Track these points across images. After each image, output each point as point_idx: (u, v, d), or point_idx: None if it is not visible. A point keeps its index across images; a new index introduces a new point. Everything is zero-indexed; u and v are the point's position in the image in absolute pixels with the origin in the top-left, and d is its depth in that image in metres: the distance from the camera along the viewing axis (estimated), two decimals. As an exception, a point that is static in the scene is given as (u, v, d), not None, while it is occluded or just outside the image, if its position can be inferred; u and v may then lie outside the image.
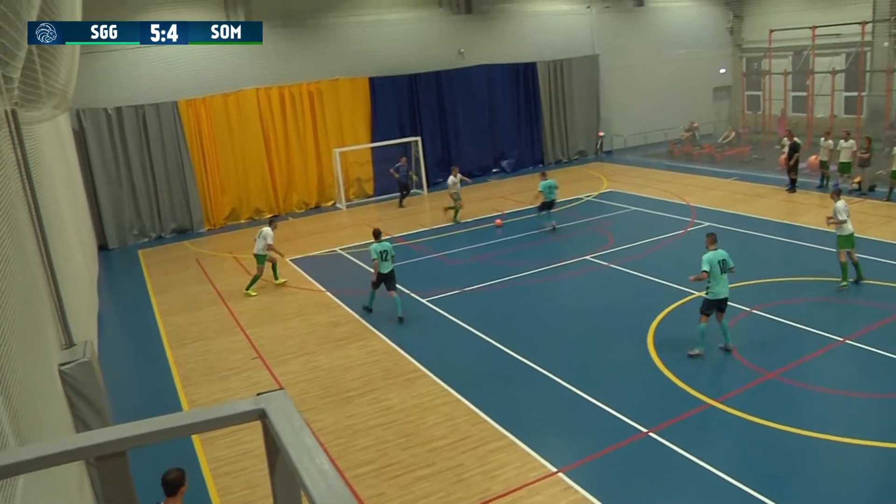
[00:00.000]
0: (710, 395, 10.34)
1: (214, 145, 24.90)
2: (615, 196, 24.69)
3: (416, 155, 27.87)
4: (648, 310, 13.86)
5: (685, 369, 11.26)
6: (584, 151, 33.34)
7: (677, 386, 10.74)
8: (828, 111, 31.28)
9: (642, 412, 10.06)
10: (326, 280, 17.73)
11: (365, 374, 12.14)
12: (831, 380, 10.64)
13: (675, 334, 12.69)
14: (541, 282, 16.29)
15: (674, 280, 15.42)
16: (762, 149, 31.16)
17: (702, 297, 12.05)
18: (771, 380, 10.70)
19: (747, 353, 11.74)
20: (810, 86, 32.06)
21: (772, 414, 9.72)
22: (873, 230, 18.15)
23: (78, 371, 7.22)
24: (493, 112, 30.35)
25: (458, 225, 22.35)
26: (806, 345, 11.85)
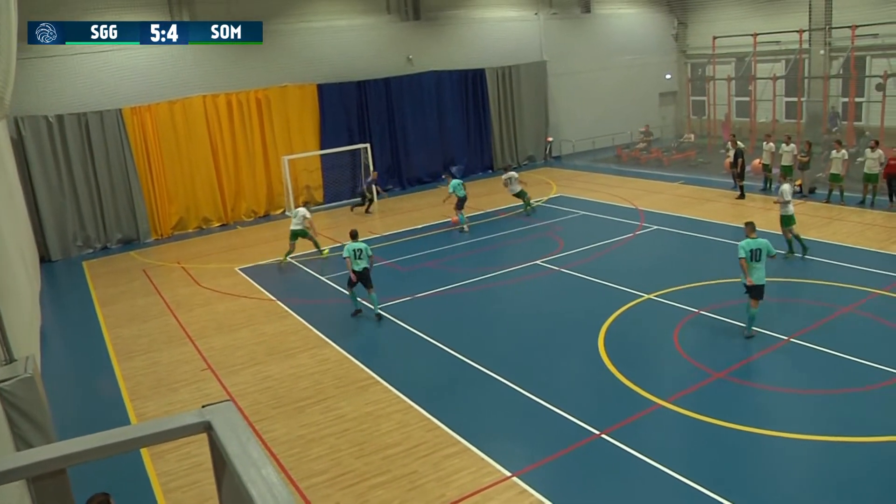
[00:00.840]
0: (660, 396, 10.49)
1: (161, 153, 24.41)
2: (564, 201, 24.94)
3: (366, 162, 27.76)
4: (599, 313, 14.01)
5: (636, 371, 11.41)
6: (533, 157, 33.62)
7: (628, 388, 10.87)
8: (770, 116, 32.15)
9: (595, 414, 10.15)
10: (276, 289, 17.52)
11: (317, 382, 12.01)
12: (778, 378, 10.89)
13: (626, 336, 12.85)
14: (492, 287, 16.35)
15: (624, 283, 15.63)
16: (708, 153, 31.85)
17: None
18: (719, 379, 10.90)
19: (696, 353, 11.95)
20: (753, 91, 32.91)
21: (721, 413, 9.91)
22: (814, 231, 18.68)
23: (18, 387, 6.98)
24: (443, 118, 30.40)
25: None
26: (752, 344, 12.12)
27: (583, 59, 34.41)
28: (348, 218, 25.09)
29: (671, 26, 37.67)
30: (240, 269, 19.56)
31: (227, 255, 21.41)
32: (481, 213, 23.83)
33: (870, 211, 20.64)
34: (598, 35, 35.04)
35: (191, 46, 24.53)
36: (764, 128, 30.91)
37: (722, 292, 14.72)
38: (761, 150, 24.67)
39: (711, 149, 32.76)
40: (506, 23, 32.01)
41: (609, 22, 35.38)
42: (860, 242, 17.61)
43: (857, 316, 13.07)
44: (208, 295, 17.56)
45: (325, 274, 18.30)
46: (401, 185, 29.72)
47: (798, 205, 21.21)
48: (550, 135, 34.01)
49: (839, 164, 21.16)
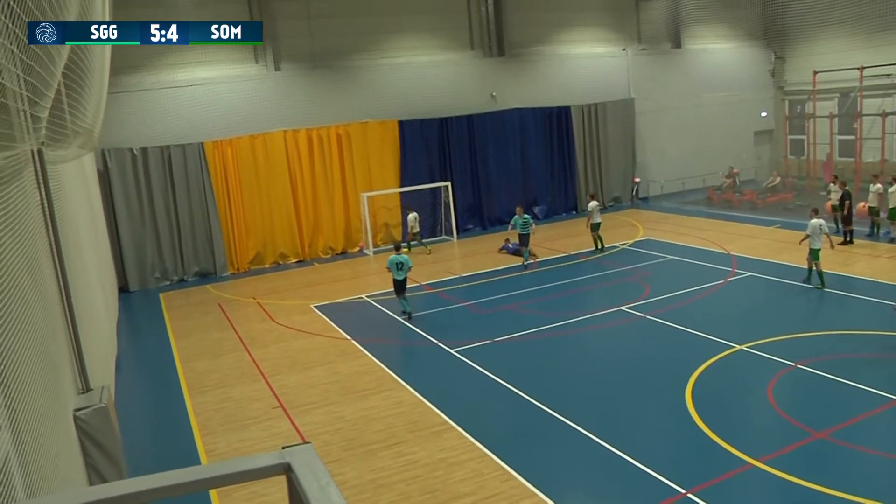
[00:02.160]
0: (752, 455, 10.07)
1: (240, 187, 25.30)
2: (651, 244, 24.52)
3: (446, 200, 28.04)
4: (686, 363, 13.63)
5: (726, 427, 11.00)
6: (619, 198, 33.29)
7: (717, 444, 10.48)
8: (877, 155, 30.96)
9: (680, 471, 9.81)
10: (352, 328, 17.73)
11: (390, 425, 12.03)
12: (886, 442, 10.31)
13: (715, 389, 12.43)
14: (573, 333, 16.14)
15: (714, 332, 15.17)
16: (807, 195, 30.87)
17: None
18: (819, 440, 10.40)
19: (792, 410, 11.45)
20: (858, 129, 31.80)
21: (820, 477, 9.43)
22: (930, 282, 17.79)
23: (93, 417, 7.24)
24: (526, 157, 30.52)
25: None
26: (857, 403, 11.52)
27: (673, 95, 34.08)
28: (424, 259, 25.27)
29: (768, 61, 36.99)
30: (315, 307, 19.89)
31: (302, 292, 21.83)
32: (564, 256, 23.67)
33: None
34: (689, 71, 34.67)
35: (274, 81, 25.51)
36: (871, 168, 29.77)
37: (821, 345, 14.10)
38: (867, 192, 23.74)
39: (810, 190, 31.75)
40: (592, 59, 32.07)
41: (701, 57, 35.00)
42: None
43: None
44: (282, 331, 17.90)
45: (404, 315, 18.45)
46: (482, 225, 29.84)
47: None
48: (638, 175, 33.64)
49: None
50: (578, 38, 31.75)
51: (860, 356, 13.48)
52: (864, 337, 14.48)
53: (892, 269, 19.22)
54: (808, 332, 14.91)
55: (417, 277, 22.00)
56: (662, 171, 34.14)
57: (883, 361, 13.19)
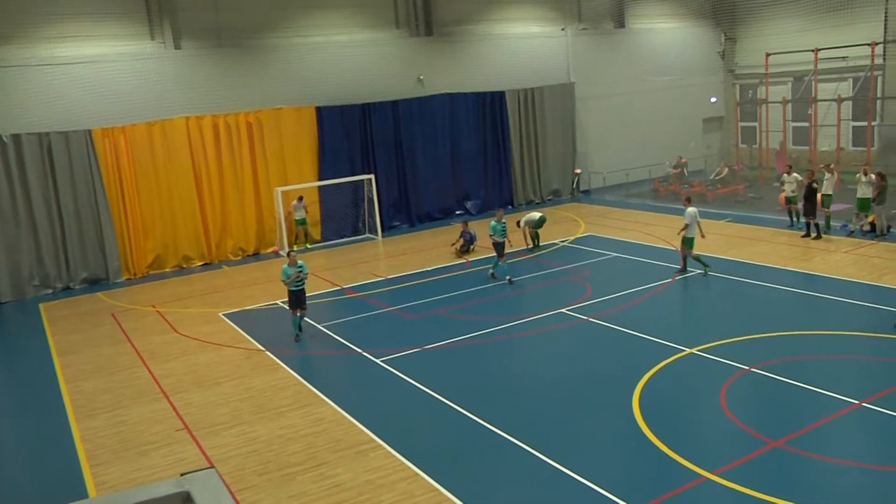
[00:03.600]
0: (705, 467, 10.26)
1: (136, 182, 24.61)
2: (593, 241, 24.86)
3: (370, 195, 27.89)
4: (633, 369, 13.82)
5: (677, 437, 11.19)
6: (558, 191, 33.71)
7: (668, 456, 10.65)
8: (833, 143, 32.05)
9: (628, 487, 9.93)
10: (266, 338, 17.44)
11: (310, 445, 11.86)
12: (847, 449, 10.63)
13: (665, 397, 12.64)
14: (511, 338, 16.21)
15: (662, 335, 15.44)
16: (759, 186, 31.80)
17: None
18: (776, 448, 10.66)
19: (747, 417, 11.72)
20: (813, 115, 32.92)
21: (778, 489, 9.66)
22: (889, 277, 18.48)
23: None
24: (456, 147, 30.64)
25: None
26: (815, 409, 11.86)
27: (616, 80, 34.69)
28: (347, 260, 25.11)
29: (718, 42, 38.00)
30: (224, 315, 19.53)
31: (209, 299, 21.40)
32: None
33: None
34: (634, 53, 35.37)
35: (174, 61, 24.91)
36: (826, 158, 30.83)
37: (776, 347, 14.49)
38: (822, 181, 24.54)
39: (763, 182, 32.72)
40: (529, 40, 32.38)
41: (646, 38, 35.74)
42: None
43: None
44: (187, 343, 17.49)
45: (324, 322, 18.22)
46: (409, 222, 29.87)
47: (870, 246, 21.13)
48: (578, 166, 34.12)
49: None
50: (514, 16, 32.02)
51: (818, 358, 13.89)
52: (821, 338, 14.94)
53: (850, 263, 19.95)
54: (762, 332, 15.31)
55: (338, 280, 21.81)
56: (605, 161, 34.71)
57: (841, 363, 13.63)
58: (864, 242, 22.03)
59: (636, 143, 35.38)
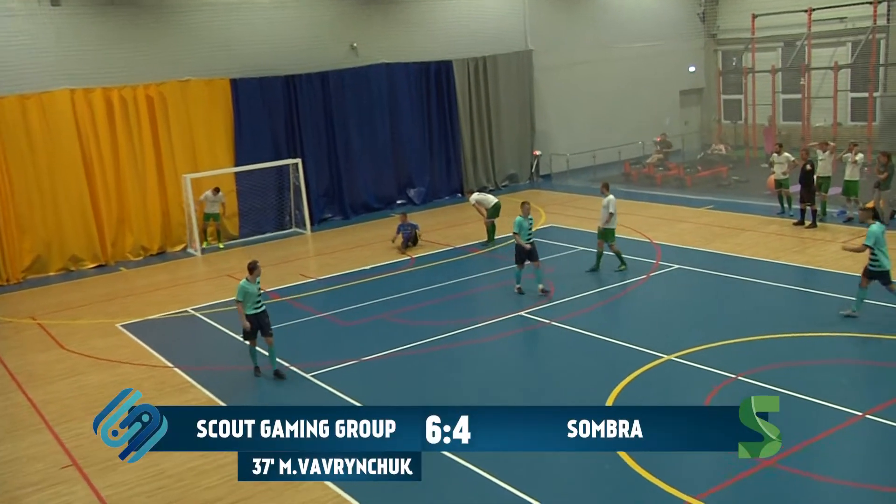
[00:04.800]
0: (688, 491, 10.31)
1: (7, 168, 23.92)
2: (556, 233, 24.98)
3: (296, 183, 27.60)
4: (603, 380, 13.84)
5: (655, 457, 11.21)
6: (515, 176, 33.81)
7: (646, 481, 10.67)
8: (829, 118, 32.53)
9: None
10: (174, 352, 17.14)
11: (229, 477, 11.59)
12: (847, 468, 10.76)
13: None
14: (463, 346, 16.16)
15: (636, 340, 15.51)
16: (745, 168, 32.21)
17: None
18: (767, 469, 10.75)
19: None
20: (806, 86, 33.37)
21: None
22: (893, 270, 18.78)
23: None
24: (397, 126, 30.54)
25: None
26: (812, 422, 11.98)
27: (580, 47, 34.88)
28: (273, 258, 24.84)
29: (697, 2, 38.36)
30: (123, 326, 19.16)
31: (105, 307, 20.99)
32: (448, 250, 23.82)
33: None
34: (601, 15, 35.64)
35: (52, 23, 24.17)
36: (822, 135, 31.30)
37: (767, 352, 14.65)
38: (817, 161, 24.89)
39: (749, 163, 33.15)
40: (479, 1, 32.34)
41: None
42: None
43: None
44: (76, 361, 17.08)
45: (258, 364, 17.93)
46: (342, 214, 29.71)
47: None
48: (538, 147, 34.25)
49: None
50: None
51: (814, 363, 14.07)
52: (817, 340, 15.13)
53: (847, 255, 20.24)
54: (750, 335, 15.46)
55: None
56: (569, 141, 34.80)
57: (842, 369, 13.82)
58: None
59: (604, 120, 35.57)
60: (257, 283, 14.94)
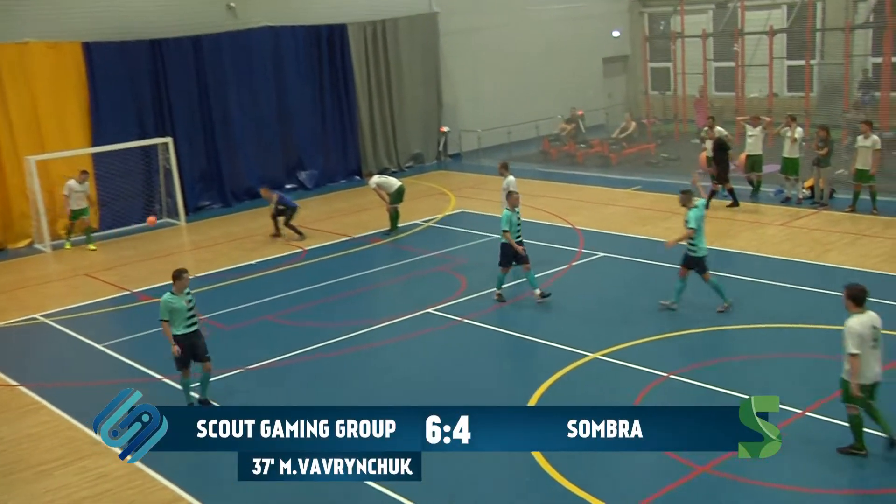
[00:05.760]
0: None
1: None
2: (467, 219, 25.17)
3: (167, 166, 27.13)
4: (522, 382, 14.02)
5: (581, 467, 11.38)
6: (420, 156, 33.90)
7: (570, 492, 10.82)
8: (765, 88, 33.32)
9: (521, 537, 10.07)
10: (19, 368, 16.75)
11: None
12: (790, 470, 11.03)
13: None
14: (364, 349, 16.19)
15: (557, 337, 15.74)
16: (675, 144, 32.78)
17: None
18: (704, 475, 10.99)
19: (667, 438, 12.07)
20: (739, 53, 34.06)
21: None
22: (834, 253, 19.46)
23: None
24: (284, 99, 30.36)
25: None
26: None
27: (492, 9, 35.06)
28: (138, 255, 24.43)
29: (620, -40, 38.87)
30: (-43, 337, 18.68)
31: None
32: (346, 240, 23.79)
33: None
34: (514, -26, 35.76)
35: None
36: (757, 106, 32.06)
37: (700, 347, 15.04)
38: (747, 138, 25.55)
39: (680, 138, 33.75)
40: (376, -46, 32.28)
41: (528, -45, 36.22)
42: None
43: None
44: None
45: (106, 340, 17.66)
46: (222, 201, 29.43)
47: (810, 216, 22.17)
48: (446, 123, 34.33)
49: (867, 155, 22.16)
50: (354, -79, 31.85)
51: (750, 358, 14.46)
52: (753, 332, 15.55)
53: (785, 238, 20.90)
54: (682, 329, 15.80)
55: (126, 282, 21.18)
56: (480, 116, 35.01)
57: (779, 364, 14.20)
58: (801, 212, 23.12)
59: (520, 91, 35.87)
60: (186, 295, 13.81)
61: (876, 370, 10.80)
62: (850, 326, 10.66)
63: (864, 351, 10.61)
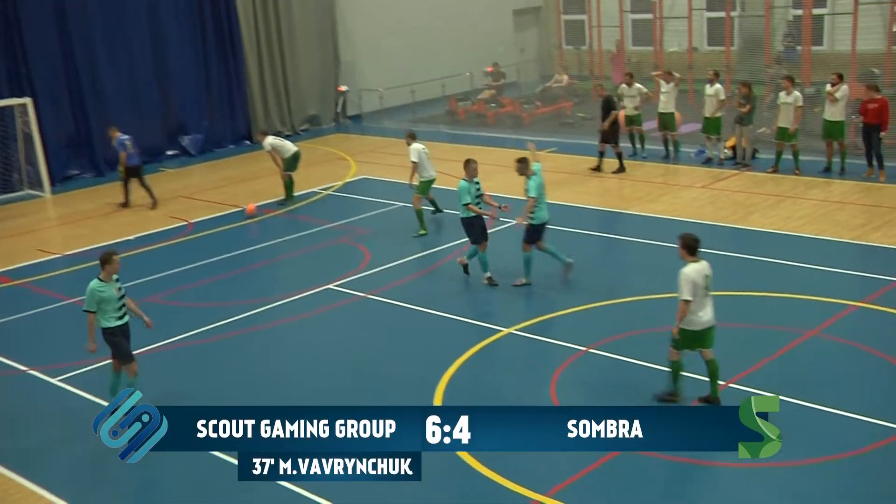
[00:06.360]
0: (536, 488, 10.59)
1: None
2: (369, 186, 25.22)
3: (26, 130, 26.54)
4: (433, 361, 14.08)
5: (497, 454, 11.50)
6: (317, 118, 33.78)
7: (486, 477, 10.90)
8: (685, 43, 33.75)
9: (433, 526, 10.19)
10: None
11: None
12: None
13: (478, 396, 12.96)
14: (259, 330, 16.13)
15: (469, 312, 15.95)
16: (591, 104, 33.10)
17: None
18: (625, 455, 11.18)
19: (588, 416, 12.29)
20: (657, 4, 34.44)
21: None
22: (757, 216, 19.93)
23: None
24: (163, 56, 30.03)
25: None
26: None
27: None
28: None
29: None
30: None
31: None
32: (236, 212, 23.69)
33: (838, 181, 22.35)
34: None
35: None
36: (677, 61, 32.50)
37: (619, 318, 15.32)
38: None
39: (596, 97, 34.04)
40: None
41: None
42: (826, 231, 18.94)
43: (826, 343, 13.95)
44: None
45: None
46: (93, 170, 29.06)
47: (732, 178, 22.62)
48: (344, 82, 34.18)
49: (789, 112, 22.62)
50: None
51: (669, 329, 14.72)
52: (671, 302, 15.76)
53: (707, 201, 21.31)
54: (600, 301, 16.03)
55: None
56: (381, 74, 34.97)
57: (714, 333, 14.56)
58: (724, 173, 23.62)
59: (424, 47, 35.88)
60: (115, 281, 13.08)
61: (710, 315, 12.12)
62: (685, 274, 11.93)
63: (698, 298, 11.91)
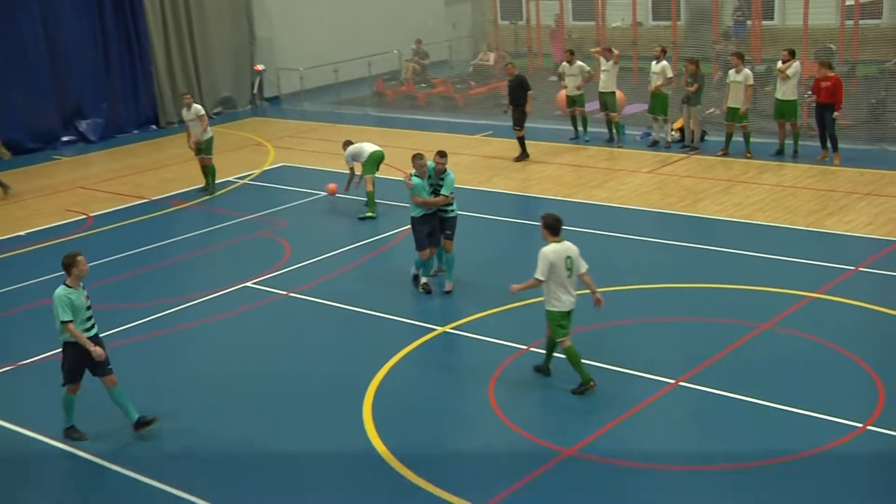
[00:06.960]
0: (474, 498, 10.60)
1: None
2: (289, 174, 25.23)
3: None
4: (361, 364, 14.15)
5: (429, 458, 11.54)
6: (230, 100, 33.66)
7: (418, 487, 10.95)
8: (628, 17, 33.96)
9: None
10: None
11: None
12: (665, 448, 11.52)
13: (410, 400, 13.14)
14: (171, 333, 16.08)
15: (400, 310, 16.02)
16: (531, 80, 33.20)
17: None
18: (570, 458, 11.30)
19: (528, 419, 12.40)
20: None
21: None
22: (707, 202, 20.23)
23: None
24: (55, 32, 29.84)
25: None
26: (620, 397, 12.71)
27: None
28: None
29: None
30: None
31: None
32: (143, 203, 23.55)
33: (791, 165, 22.70)
34: None
35: None
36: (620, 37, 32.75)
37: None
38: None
39: (535, 74, 34.24)
40: None
41: None
42: (779, 217, 19.25)
43: (780, 336, 14.16)
44: None
45: None
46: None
47: (680, 162, 22.93)
48: (260, 61, 34.06)
49: (739, 91, 22.96)
50: None
51: (617, 324, 14.85)
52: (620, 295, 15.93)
53: (654, 187, 21.59)
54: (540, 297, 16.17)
55: None
56: (301, 52, 34.85)
57: (649, 330, 14.77)
58: (671, 157, 23.89)
59: (348, 24, 35.88)
60: (83, 289, 12.75)
61: (571, 298, 12.77)
62: (544, 253, 12.62)
63: (559, 279, 12.61)
